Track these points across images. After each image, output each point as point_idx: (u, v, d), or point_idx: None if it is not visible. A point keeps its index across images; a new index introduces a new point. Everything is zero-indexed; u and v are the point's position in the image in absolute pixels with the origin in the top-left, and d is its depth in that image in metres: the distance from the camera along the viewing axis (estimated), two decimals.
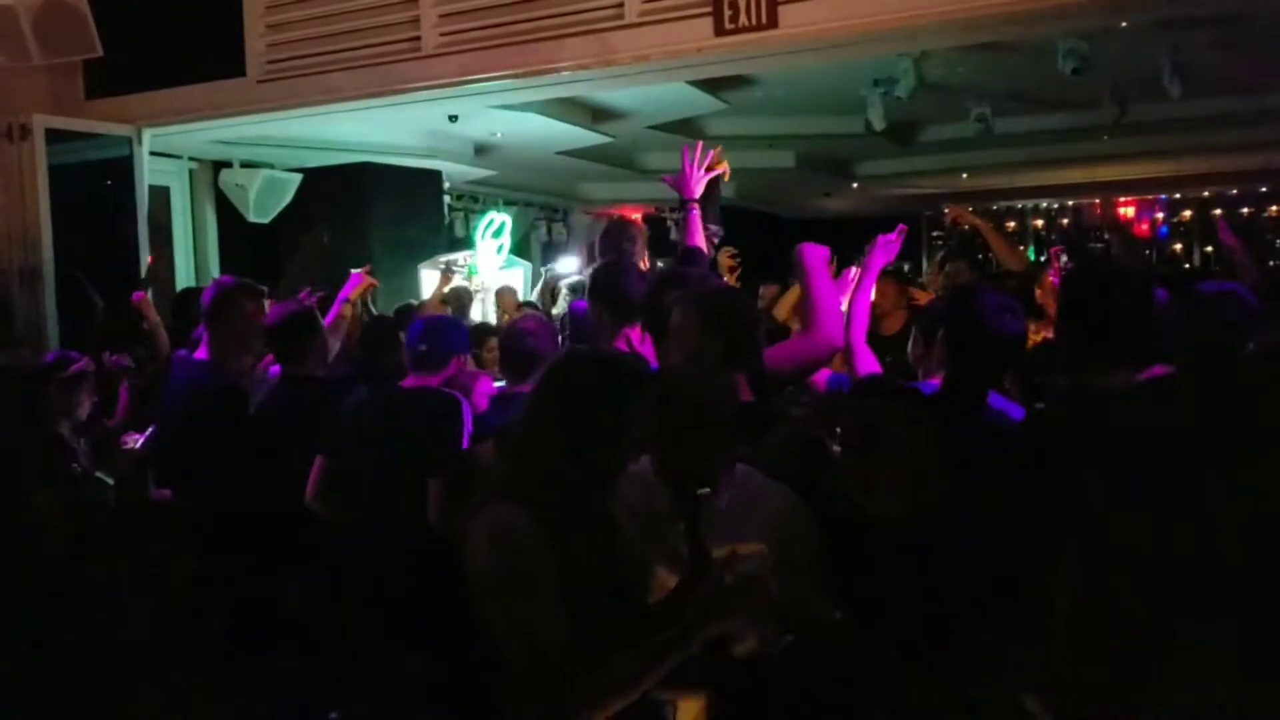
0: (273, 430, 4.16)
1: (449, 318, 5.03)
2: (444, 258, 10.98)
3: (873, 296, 6.19)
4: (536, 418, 2.38)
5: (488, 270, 10.91)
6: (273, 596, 3.94)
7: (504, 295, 10.26)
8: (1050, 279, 4.99)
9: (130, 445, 4.87)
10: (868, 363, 3.55)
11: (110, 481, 4.41)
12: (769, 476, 2.64)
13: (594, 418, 2.31)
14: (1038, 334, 4.05)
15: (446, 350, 4.18)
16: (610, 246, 4.74)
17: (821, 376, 3.59)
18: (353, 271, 5.48)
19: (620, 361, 2.53)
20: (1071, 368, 2.85)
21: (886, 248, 3.87)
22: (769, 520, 2.52)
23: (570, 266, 9.79)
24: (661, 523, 2.54)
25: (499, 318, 9.54)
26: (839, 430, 2.58)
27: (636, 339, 3.82)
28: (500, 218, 11.98)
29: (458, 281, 9.39)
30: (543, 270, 11.13)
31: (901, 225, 3.92)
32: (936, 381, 3.20)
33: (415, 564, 3.51)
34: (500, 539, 2.24)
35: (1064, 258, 5.02)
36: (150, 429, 4.68)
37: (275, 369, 4.46)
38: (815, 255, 3.47)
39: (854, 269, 4.04)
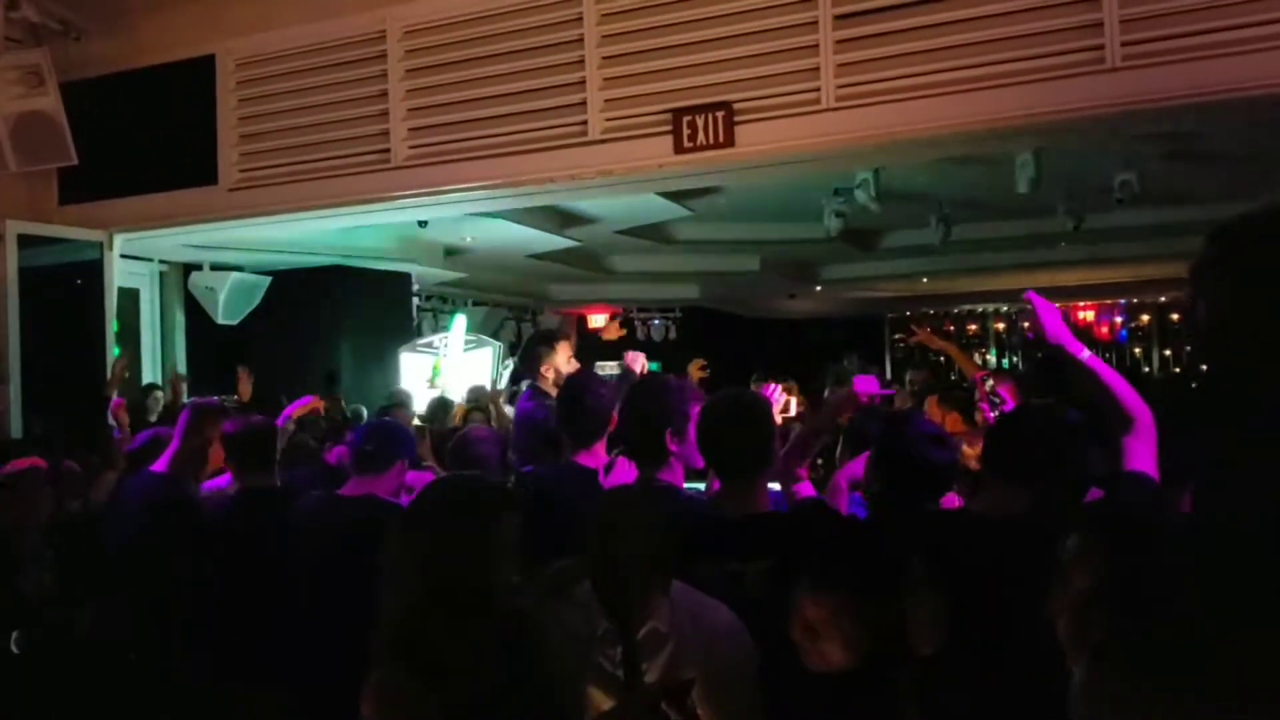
0: (237, 541, 4.12)
1: (393, 422, 5.02)
2: (422, 341, 11.13)
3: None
4: (399, 568, 2.42)
5: (452, 372, 10.99)
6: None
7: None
8: (981, 403, 5.13)
9: None
10: (804, 488, 3.63)
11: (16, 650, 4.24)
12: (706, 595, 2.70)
13: (451, 555, 2.36)
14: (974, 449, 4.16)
15: (391, 453, 4.12)
16: (528, 359, 4.93)
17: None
18: (307, 396, 5.63)
19: (471, 491, 2.53)
20: None
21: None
22: (705, 642, 2.56)
23: None
24: (600, 646, 2.57)
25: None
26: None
27: (596, 459, 3.92)
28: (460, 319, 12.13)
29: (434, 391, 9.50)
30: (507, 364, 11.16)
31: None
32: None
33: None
34: (381, 706, 2.29)
35: (990, 382, 5.14)
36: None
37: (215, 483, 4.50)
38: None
39: (775, 385, 4.15)
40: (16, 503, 4.49)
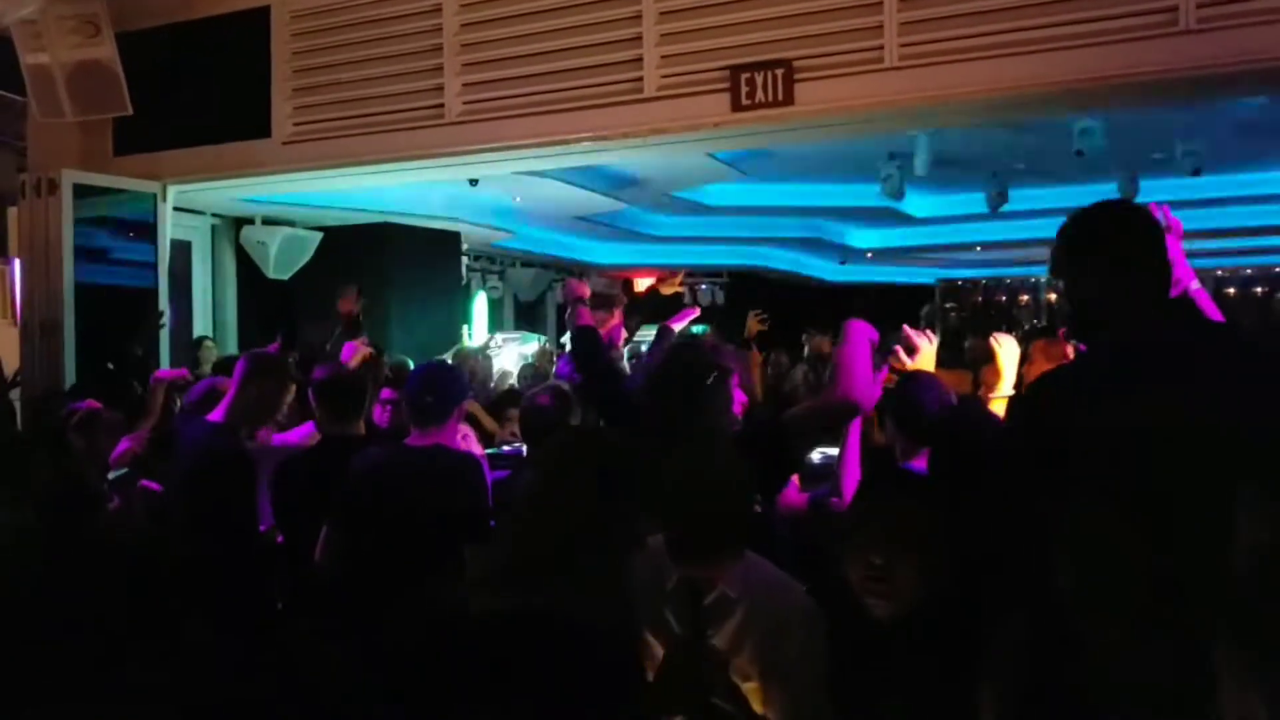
0: (324, 489, 3.96)
1: (447, 365, 4.88)
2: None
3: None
4: (536, 507, 2.39)
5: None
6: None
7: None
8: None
9: None
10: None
11: None
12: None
13: (589, 509, 2.30)
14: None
15: (452, 400, 3.98)
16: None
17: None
18: (347, 343, 5.60)
19: (618, 454, 2.47)
20: None
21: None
22: (777, 619, 2.52)
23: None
24: (666, 600, 2.55)
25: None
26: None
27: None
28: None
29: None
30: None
31: None
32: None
33: (434, 640, 3.41)
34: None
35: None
36: None
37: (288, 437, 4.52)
38: (858, 330, 3.37)
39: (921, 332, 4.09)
40: (91, 445, 4.59)
